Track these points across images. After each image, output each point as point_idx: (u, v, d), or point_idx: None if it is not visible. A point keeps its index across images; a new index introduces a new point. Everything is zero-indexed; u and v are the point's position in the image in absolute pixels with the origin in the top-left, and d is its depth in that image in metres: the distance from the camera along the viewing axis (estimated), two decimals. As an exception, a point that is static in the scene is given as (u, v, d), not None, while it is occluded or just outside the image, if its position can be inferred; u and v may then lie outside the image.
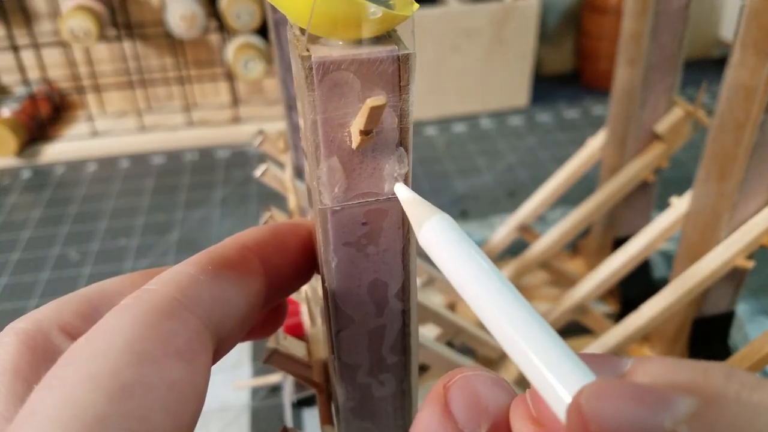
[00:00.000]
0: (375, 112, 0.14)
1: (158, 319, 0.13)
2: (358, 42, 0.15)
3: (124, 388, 0.12)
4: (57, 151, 0.89)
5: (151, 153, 0.90)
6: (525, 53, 0.95)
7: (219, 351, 0.15)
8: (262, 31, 0.90)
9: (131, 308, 0.13)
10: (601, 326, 0.47)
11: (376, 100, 0.14)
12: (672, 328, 0.44)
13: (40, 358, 0.14)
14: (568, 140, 0.89)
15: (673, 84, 0.46)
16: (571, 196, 0.58)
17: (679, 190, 0.43)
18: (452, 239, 0.14)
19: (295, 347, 0.24)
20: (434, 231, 0.14)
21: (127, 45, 0.93)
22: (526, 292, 0.56)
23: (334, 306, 0.18)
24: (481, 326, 0.39)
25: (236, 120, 0.95)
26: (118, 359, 0.12)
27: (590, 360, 0.12)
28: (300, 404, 0.47)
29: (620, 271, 0.45)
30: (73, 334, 0.15)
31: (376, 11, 0.14)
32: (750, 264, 0.37)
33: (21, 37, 0.90)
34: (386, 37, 0.15)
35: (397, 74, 0.15)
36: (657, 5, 0.42)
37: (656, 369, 0.11)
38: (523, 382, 0.42)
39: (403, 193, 0.16)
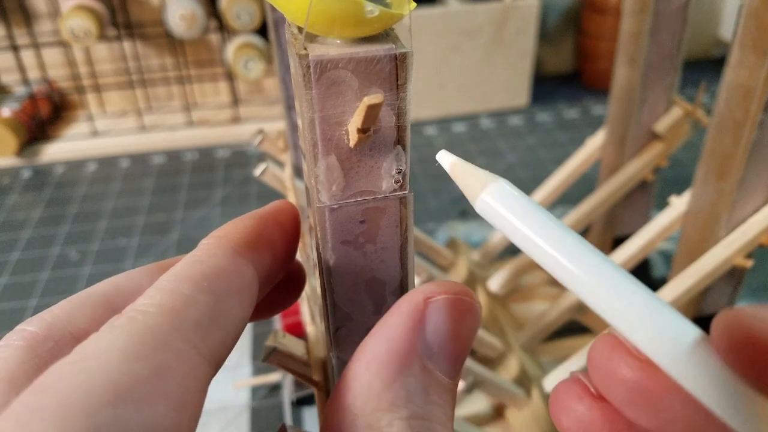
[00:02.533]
0: (372, 111, 0.14)
1: (150, 351, 0.12)
2: (356, 40, 0.15)
3: (95, 430, 0.10)
4: (57, 150, 0.89)
5: (151, 153, 0.90)
6: (525, 53, 0.95)
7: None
8: (262, 31, 0.90)
9: (121, 334, 0.12)
10: (601, 325, 0.48)
11: (374, 98, 0.14)
12: (671, 328, 0.44)
13: (43, 368, 0.12)
14: (568, 140, 0.89)
15: (673, 83, 0.46)
16: (570, 196, 0.58)
17: (679, 190, 0.43)
18: (516, 206, 0.15)
19: (294, 346, 0.24)
20: (495, 198, 0.15)
21: (127, 45, 0.94)
22: (525, 291, 0.56)
23: (332, 304, 0.18)
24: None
25: (236, 120, 0.95)
26: (96, 394, 0.11)
27: None
28: (300, 403, 0.47)
29: (619, 271, 0.45)
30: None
31: (373, 10, 0.14)
32: (749, 263, 0.37)
33: (21, 37, 0.90)
34: (384, 35, 0.15)
35: (395, 73, 0.15)
36: (656, 5, 0.42)
37: None
38: (522, 380, 0.42)
39: (448, 158, 0.16)
